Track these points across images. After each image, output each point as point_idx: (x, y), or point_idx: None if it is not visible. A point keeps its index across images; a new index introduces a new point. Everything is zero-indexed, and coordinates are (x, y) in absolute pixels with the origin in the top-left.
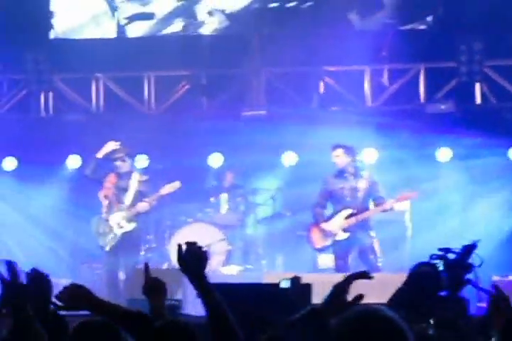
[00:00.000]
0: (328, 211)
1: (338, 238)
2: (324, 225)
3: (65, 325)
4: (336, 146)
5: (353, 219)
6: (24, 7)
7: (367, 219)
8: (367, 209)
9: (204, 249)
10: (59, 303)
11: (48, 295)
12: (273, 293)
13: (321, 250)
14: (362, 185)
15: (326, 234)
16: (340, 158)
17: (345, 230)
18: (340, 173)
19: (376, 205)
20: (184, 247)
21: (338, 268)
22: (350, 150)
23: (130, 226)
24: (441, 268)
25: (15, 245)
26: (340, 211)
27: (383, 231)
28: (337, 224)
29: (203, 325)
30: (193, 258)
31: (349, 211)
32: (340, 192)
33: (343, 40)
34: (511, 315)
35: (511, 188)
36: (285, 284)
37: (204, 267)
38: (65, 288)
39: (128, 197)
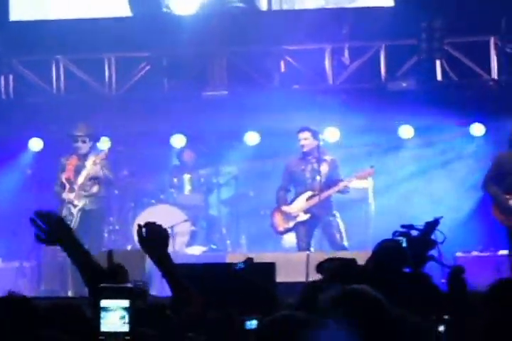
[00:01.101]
0: (292, 194)
1: (299, 219)
2: (285, 208)
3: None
4: (304, 129)
5: (314, 200)
6: None
7: (328, 199)
8: (327, 190)
9: (163, 228)
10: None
11: None
12: (229, 273)
13: (283, 233)
14: (323, 168)
15: (287, 216)
16: (308, 140)
17: (305, 211)
18: (305, 156)
19: (333, 186)
20: (144, 228)
21: (299, 248)
22: (316, 134)
23: (81, 203)
24: (404, 244)
25: None
26: (301, 193)
27: (348, 210)
28: (298, 206)
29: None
30: (154, 238)
31: (310, 193)
32: (302, 174)
33: (303, 18)
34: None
35: (472, 164)
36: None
37: (166, 246)
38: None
39: (80, 178)
